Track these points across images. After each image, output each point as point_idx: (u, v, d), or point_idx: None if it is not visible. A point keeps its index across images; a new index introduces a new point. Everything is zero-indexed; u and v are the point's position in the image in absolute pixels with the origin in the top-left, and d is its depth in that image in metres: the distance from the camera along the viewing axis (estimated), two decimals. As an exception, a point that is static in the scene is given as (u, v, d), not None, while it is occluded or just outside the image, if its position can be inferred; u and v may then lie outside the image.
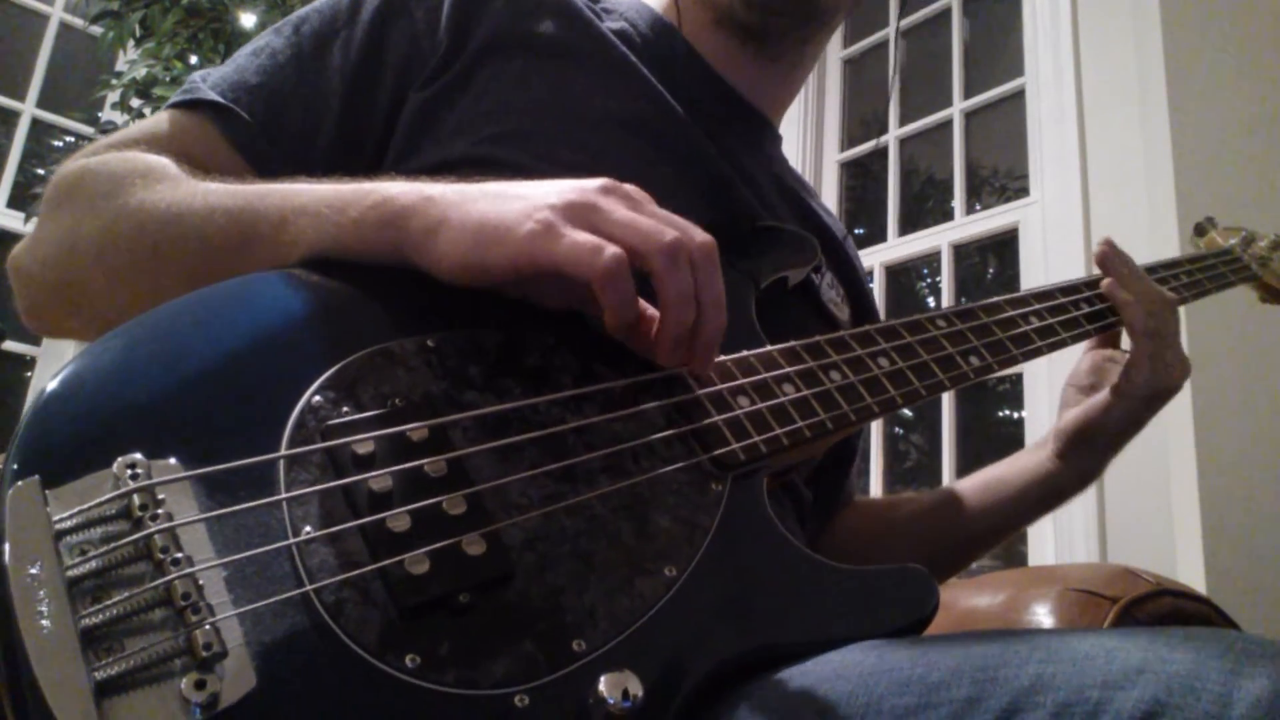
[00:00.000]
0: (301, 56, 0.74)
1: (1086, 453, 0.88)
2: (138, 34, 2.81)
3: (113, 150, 0.69)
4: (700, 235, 0.55)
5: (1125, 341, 0.89)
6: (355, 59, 0.74)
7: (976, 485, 0.94)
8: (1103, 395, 0.87)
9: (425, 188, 0.57)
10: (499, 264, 0.53)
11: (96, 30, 2.87)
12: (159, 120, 0.72)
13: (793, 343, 0.66)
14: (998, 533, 0.93)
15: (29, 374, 3.34)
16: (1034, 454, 0.92)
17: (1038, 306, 0.82)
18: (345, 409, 0.49)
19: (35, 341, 3.30)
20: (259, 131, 0.71)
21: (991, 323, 0.78)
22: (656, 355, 0.56)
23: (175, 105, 0.73)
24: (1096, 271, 0.90)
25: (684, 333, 0.54)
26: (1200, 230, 1.17)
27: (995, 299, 0.80)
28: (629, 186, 0.56)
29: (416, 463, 0.48)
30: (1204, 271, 1.02)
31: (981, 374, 0.74)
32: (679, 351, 0.56)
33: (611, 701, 0.43)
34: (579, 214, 0.53)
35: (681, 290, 0.53)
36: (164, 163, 0.66)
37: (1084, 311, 0.86)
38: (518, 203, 0.54)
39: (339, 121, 0.73)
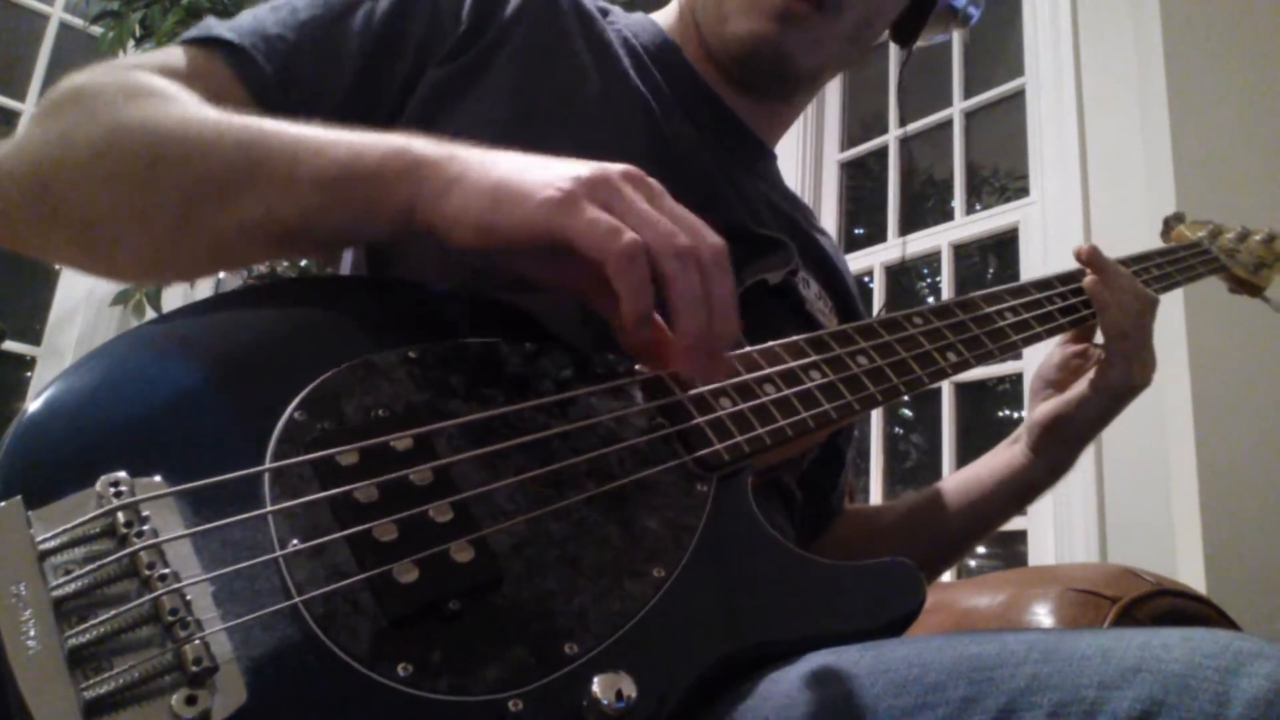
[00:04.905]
0: (323, 17, 0.73)
1: (1059, 445, 0.90)
2: (138, 34, 2.80)
3: (124, 69, 0.66)
4: (712, 239, 0.53)
5: (1097, 337, 0.91)
6: (377, 28, 0.74)
7: (952, 487, 0.96)
8: (1077, 390, 0.89)
9: (449, 145, 0.56)
10: (513, 228, 0.51)
11: (96, 30, 2.87)
12: (171, 52, 0.70)
13: (772, 344, 0.66)
14: (975, 533, 0.95)
15: (29, 374, 3.34)
16: (1005, 451, 0.94)
17: (1013, 302, 0.84)
18: (329, 421, 0.49)
19: (35, 341, 3.30)
20: (272, 79, 0.69)
21: (968, 319, 0.79)
22: (676, 362, 0.55)
23: (188, 41, 0.70)
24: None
25: (701, 337, 0.52)
26: (1168, 226, 1.18)
27: (971, 295, 0.82)
28: (650, 179, 0.55)
29: (402, 472, 0.48)
30: (1174, 265, 1.03)
31: (959, 369, 0.75)
32: (698, 357, 0.53)
33: (605, 703, 0.43)
34: (599, 194, 0.52)
35: (692, 294, 0.51)
36: (176, 85, 0.64)
37: (1058, 306, 0.87)
38: (540, 170, 0.53)
39: (352, 86, 0.72)
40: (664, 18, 0.92)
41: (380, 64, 0.74)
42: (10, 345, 3.13)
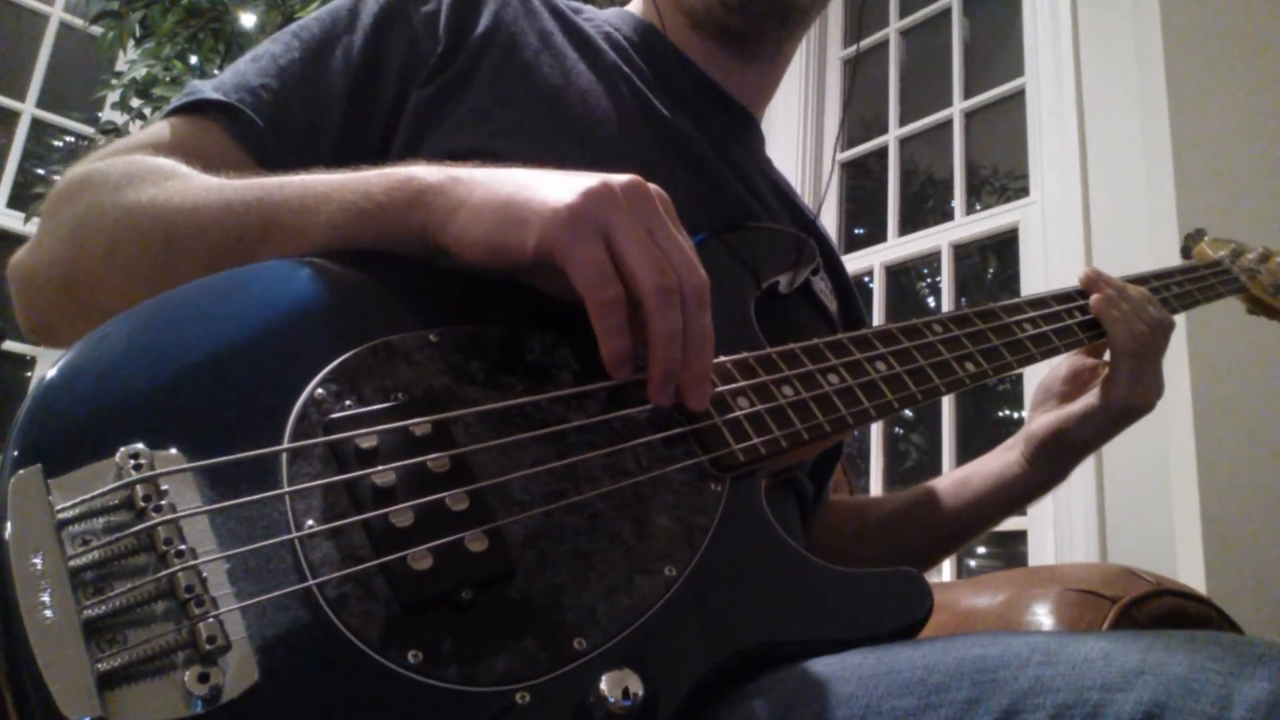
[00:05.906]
0: (303, 60, 0.74)
1: (1053, 459, 0.89)
2: (138, 34, 2.80)
3: (118, 154, 0.68)
4: (696, 275, 0.55)
5: (1108, 354, 0.90)
6: (357, 61, 0.75)
7: (944, 488, 0.95)
8: (1080, 405, 0.88)
9: (451, 169, 0.58)
10: (517, 248, 0.53)
11: (96, 30, 2.86)
12: (160, 128, 0.72)
13: (791, 345, 0.66)
14: (965, 534, 0.94)
15: (29, 374, 3.34)
16: (1001, 457, 0.93)
17: (1032, 314, 0.83)
18: (348, 402, 0.49)
19: (35, 341, 3.29)
20: (264, 129, 0.71)
21: (987, 329, 0.78)
22: (648, 392, 0.56)
23: (176, 111, 0.72)
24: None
25: (672, 370, 0.54)
26: (1189, 243, 1.18)
27: (990, 305, 0.81)
28: (652, 190, 0.56)
29: (420, 458, 0.48)
30: (1194, 283, 1.03)
31: (977, 380, 0.74)
32: (668, 388, 0.55)
33: (612, 700, 0.43)
34: (602, 212, 0.53)
35: (668, 331, 0.53)
36: (172, 163, 0.65)
37: (1078, 320, 0.86)
38: (545, 189, 0.54)
39: (343, 121, 0.73)
40: (636, 6, 0.92)
41: (366, 96, 0.74)
42: (10, 345, 3.13)
